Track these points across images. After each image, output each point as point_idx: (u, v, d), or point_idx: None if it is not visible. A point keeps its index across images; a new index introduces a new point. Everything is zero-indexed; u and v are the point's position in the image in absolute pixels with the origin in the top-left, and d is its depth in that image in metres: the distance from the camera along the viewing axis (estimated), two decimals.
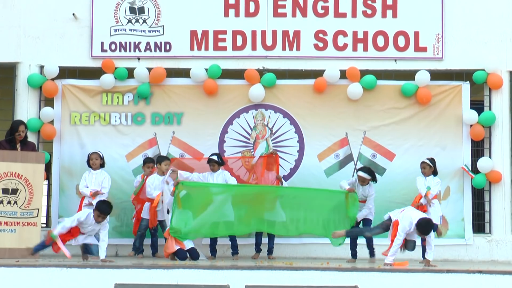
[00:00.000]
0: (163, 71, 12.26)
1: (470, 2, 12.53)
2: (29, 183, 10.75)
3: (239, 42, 12.48)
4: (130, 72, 12.33)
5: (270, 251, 11.57)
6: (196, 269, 9.01)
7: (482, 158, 12.32)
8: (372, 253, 11.31)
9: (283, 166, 12.10)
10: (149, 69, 12.33)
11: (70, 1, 12.46)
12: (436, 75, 12.38)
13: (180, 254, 10.75)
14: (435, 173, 11.42)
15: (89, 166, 11.53)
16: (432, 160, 11.46)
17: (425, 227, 9.96)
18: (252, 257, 11.49)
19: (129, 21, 12.47)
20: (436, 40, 12.47)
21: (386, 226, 10.34)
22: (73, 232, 10.17)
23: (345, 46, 12.48)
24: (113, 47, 12.43)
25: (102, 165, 11.53)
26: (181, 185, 10.88)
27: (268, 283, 8.82)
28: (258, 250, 11.59)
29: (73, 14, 12.42)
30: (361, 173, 11.17)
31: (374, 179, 11.26)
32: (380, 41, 12.48)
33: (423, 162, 11.46)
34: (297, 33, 12.50)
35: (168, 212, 11.12)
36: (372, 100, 12.40)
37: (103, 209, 10.12)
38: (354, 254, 11.29)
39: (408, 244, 10.20)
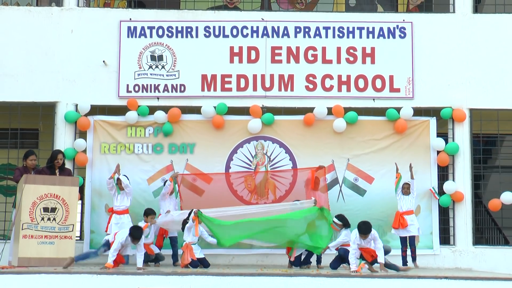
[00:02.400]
0: (178, 112, 12.30)
1: (436, 51, 12.60)
2: (65, 203, 10.74)
3: (242, 84, 12.53)
4: (151, 110, 12.37)
5: (318, 261, 11.13)
6: (206, 276, 9.00)
7: (447, 182, 12.31)
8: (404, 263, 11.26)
9: (280, 188, 12.08)
10: (166, 107, 12.38)
11: (101, 50, 12.53)
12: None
13: (193, 263, 10.72)
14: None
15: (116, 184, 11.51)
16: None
17: (363, 227, 9.95)
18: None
19: (150, 67, 12.54)
20: (407, 82, 12.52)
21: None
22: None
23: (331, 87, 12.54)
24: (136, 88, 12.49)
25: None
26: (199, 216, 10.84)
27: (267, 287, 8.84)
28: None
29: (103, 61, 12.50)
30: (335, 219, 10.89)
31: (345, 225, 10.82)
32: (361, 83, 12.54)
33: (406, 183, 11.46)
34: (291, 77, 12.55)
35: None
36: (354, 132, 12.42)
37: (135, 234, 10.13)
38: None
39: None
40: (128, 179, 11.49)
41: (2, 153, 12.92)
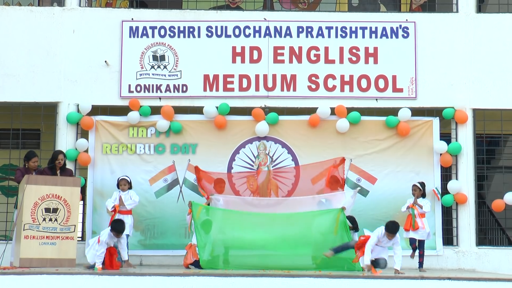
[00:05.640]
0: (171, 109, 12.27)
1: (439, 51, 12.58)
2: (67, 203, 10.73)
3: (245, 84, 12.53)
4: (153, 110, 12.37)
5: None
6: (208, 276, 9.01)
7: (451, 181, 12.30)
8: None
9: (282, 189, 12.06)
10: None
11: (102, 50, 12.53)
12: (411, 111, 12.38)
13: (195, 263, 10.71)
14: (423, 195, 11.35)
15: (119, 188, 11.54)
16: (422, 184, 11.39)
17: (391, 226, 9.94)
18: None
19: (152, 67, 12.54)
20: (410, 82, 12.51)
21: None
22: (112, 252, 10.21)
23: (334, 87, 12.53)
24: (138, 88, 12.49)
25: (130, 187, 11.53)
26: (200, 207, 10.87)
27: None
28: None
29: (105, 61, 12.50)
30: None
31: (355, 229, 10.94)
32: (364, 83, 12.53)
33: (414, 185, 11.37)
34: (293, 77, 12.54)
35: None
36: (357, 133, 12.41)
37: (115, 227, 10.13)
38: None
39: (379, 262, 10.12)
40: (130, 180, 11.48)
41: (4, 153, 12.94)
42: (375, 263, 10.04)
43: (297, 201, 11.55)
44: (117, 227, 10.14)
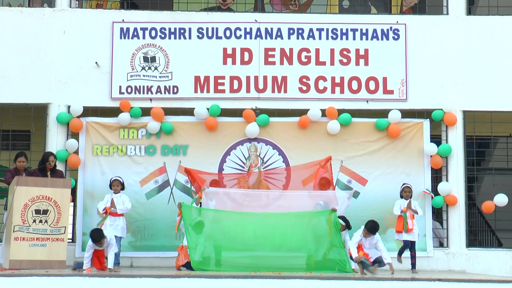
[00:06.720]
0: (161, 111, 12.27)
1: (429, 53, 12.63)
2: (57, 205, 10.72)
3: (236, 85, 12.53)
4: (143, 111, 12.36)
5: (413, 266, 11.21)
6: (199, 278, 9.02)
7: (441, 183, 12.35)
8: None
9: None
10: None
11: (93, 51, 12.51)
12: (401, 113, 12.43)
13: (187, 265, 10.67)
14: (410, 197, 11.41)
15: (111, 189, 11.52)
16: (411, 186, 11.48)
17: (369, 224, 10.24)
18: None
19: (143, 68, 12.52)
20: (401, 84, 12.55)
21: None
22: (99, 254, 10.19)
23: (325, 89, 12.55)
24: (129, 90, 12.47)
25: (122, 189, 11.52)
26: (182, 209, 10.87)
27: None
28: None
29: (96, 62, 12.48)
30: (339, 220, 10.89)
31: (348, 227, 10.84)
32: (354, 85, 12.55)
33: (407, 187, 11.42)
34: (284, 78, 12.56)
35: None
36: (348, 134, 12.43)
37: (93, 236, 10.09)
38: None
39: (378, 261, 10.25)
40: (123, 182, 11.46)
41: None
42: (365, 264, 10.11)
43: (292, 197, 11.52)
44: (93, 235, 10.10)
